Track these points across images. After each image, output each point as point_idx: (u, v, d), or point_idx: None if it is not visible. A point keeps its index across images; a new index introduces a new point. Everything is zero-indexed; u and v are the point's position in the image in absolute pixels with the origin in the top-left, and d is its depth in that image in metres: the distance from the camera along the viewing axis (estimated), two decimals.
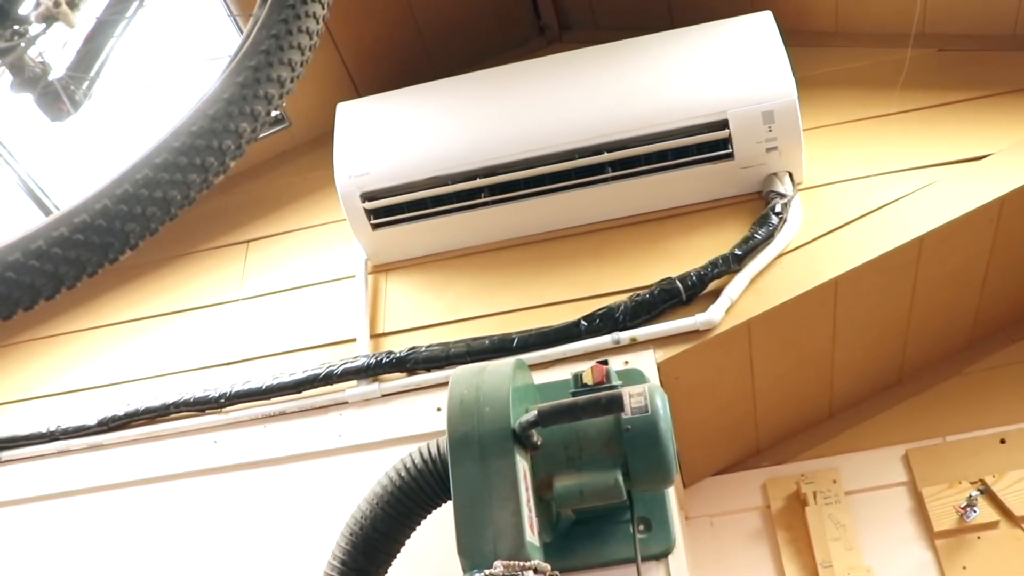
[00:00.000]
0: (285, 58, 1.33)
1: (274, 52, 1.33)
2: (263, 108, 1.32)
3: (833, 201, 2.45)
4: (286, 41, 1.35)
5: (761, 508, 2.59)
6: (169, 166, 1.25)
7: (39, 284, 1.20)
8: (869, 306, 2.45)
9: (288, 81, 1.35)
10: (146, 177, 1.23)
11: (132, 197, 1.22)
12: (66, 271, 1.20)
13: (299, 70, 1.37)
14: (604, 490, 1.82)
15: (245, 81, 1.30)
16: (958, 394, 2.65)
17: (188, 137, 1.26)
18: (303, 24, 1.38)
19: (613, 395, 1.75)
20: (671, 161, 2.45)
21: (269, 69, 1.32)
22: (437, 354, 2.38)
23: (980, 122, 2.50)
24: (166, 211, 1.24)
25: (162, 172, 1.24)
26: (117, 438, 2.53)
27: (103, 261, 1.22)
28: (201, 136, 1.27)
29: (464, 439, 1.79)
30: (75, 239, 1.20)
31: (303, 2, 1.38)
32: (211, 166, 1.28)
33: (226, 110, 1.29)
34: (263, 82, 1.31)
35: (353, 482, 2.14)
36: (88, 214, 1.21)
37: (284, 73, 1.33)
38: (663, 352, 2.29)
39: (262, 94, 1.30)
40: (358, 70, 2.96)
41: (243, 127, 1.29)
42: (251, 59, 1.31)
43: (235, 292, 2.76)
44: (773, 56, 2.43)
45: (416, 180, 2.51)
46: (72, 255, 1.20)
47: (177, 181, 1.24)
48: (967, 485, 2.45)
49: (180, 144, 1.26)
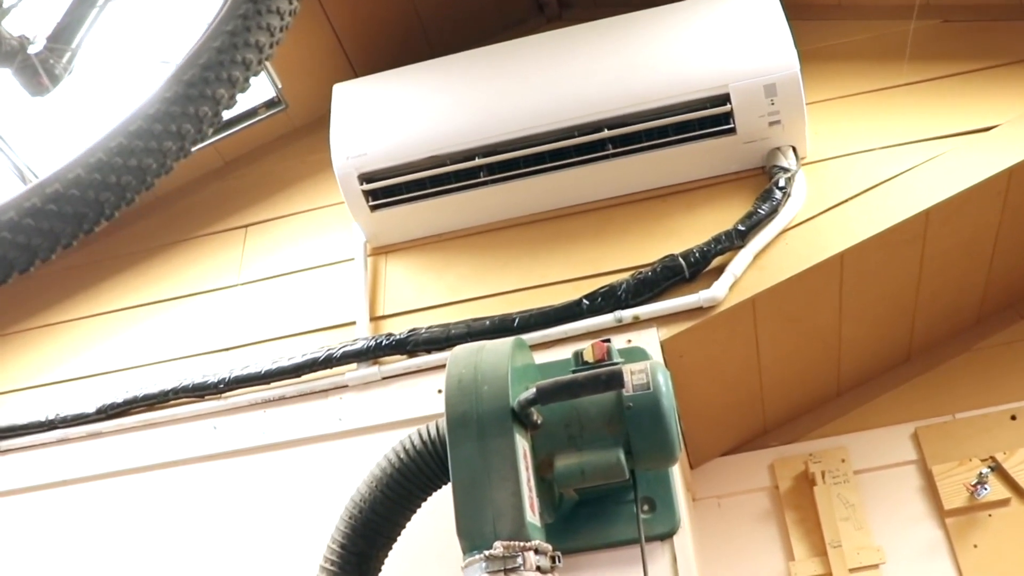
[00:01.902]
0: (264, 23, 1.30)
1: (252, 16, 1.29)
2: (241, 74, 1.28)
3: (838, 175, 2.41)
4: (264, 5, 1.31)
5: (769, 488, 2.57)
6: (143, 133, 1.22)
7: (12, 256, 1.17)
8: (876, 281, 2.42)
9: (267, 47, 1.31)
10: (120, 145, 1.20)
11: (106, 166, 1.19)
12: (39, 243, 1.17)
13: (278, 35, 1.33)
14: (606, 469, 1.79)
15: (222, 46, 1.27)
16: (967, 371, 2.62)
17: (162, 104, 1.23)
18: None
19: (613, 371, 1.72)
20: (672, 137, 2.41)
21: (247, 34, 1.28)
22: (437, 335, 2.35)
23: (986, 93, 2.47)
24: (141, 180, 1.21)
25: (136, 140, 1.21)
26: (116, 426, 2.51)
27: (77, 232, 1.19)
28: (176, 102, 1.24)
29: (462, 419, 1.75)
30: (48, 209, 1.17)
31: None
32: (187, 133, 1.24)
33: (202, 76, 1.25)
34: (240, 47, 1.28)
35: (354, 466, 2.12)
36: (61, 184, 1.18)
37: (263, 38, 1.30)
38: (666, 330, 2.26)
39: (240, 60, 1.27)
40: (355, 50, 2.93)
41: (220, 93, 1.26)
42: (228, 24, 1.28)
43: (234, 277, 2.74)
44: (774, 28, 2.39)
45: (414, 160, 2.49)
46: (45, 226, 1.17)
47: (152, 149, 1.21)
48: (977, 463, 2.42)
49: (155, 111, 1.23)
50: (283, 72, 2.88)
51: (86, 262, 2.87)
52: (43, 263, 1.20)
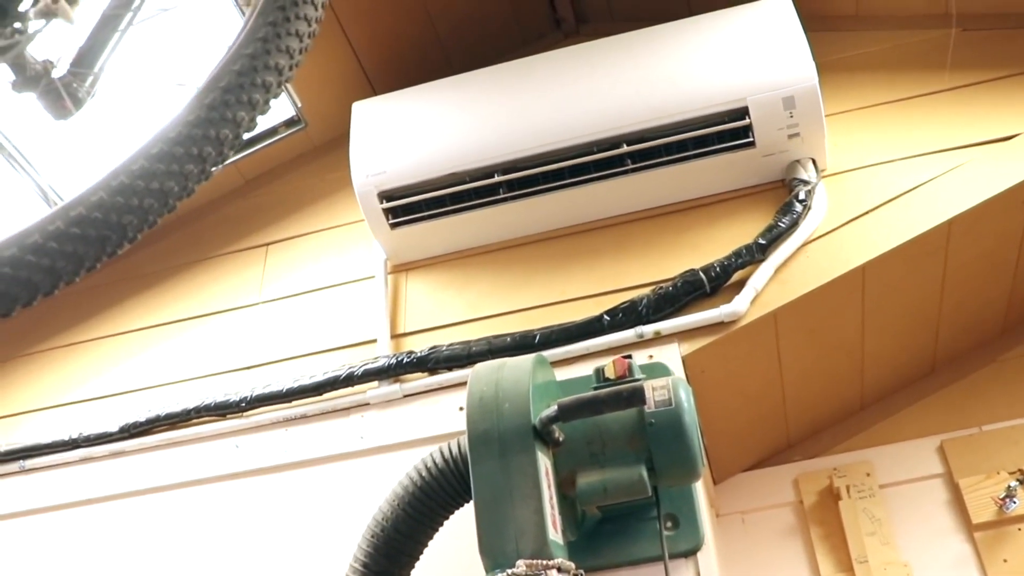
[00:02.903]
0: (283, 45, 1.31)
1: (271, 40, 1.30)
2: (261, 97, 1.29)
3: (858, 187, 2.40)
4: (283, 28, 1.32)
5: (793, 503, 2.55)
6: (165, 156, 1.22)
7: (36, 279, 1.18)
8: (898, 293, 2.41)
9: (286, 69, 1.32)
10: (142, 168, 1.21)
11: (129, 189, 1.20)
12: (63, 265, 1.18)
13: (297, 58, 1.34)
14: (628, 486, 1.78)
15: (242, 70, 1.28)
16: (993, 382, 2.60)
17: (184, 127, 1.24)
18: (301, 11, 1.35)
19: (634, 388, 1.71)
20: (691, 151, 2.41)
21: (266, 57, 1.29)
22: (458, 353, 2.35)
23: (1007, 102, 2.45)
24: (164, 202, 1.22)
25: (158, 163, 1.22)
26: (139, 444, 2.52)
27: (101, 254, 1.20)
28: (198, 126, 1.24)
29: (484, 436, 1.75)
30: (71, 233, 1.18)
31: None
32: (209, 156, 1.25)
33: (223, 99, 1.26)
34: (260, 70, 1.28)
35: (376, 484, 2.12)
36: (84, 207, 1.19)
37: (282, 61, 1.31)
38: (688, 345, 2.25)
39: (259, 83, 1.28)
40: (374, 69, 2.94)
41: (241, 116, 1.27)
42: (248, 47, 1.29)
43: (255, 296, 2.75)
44: (792, 41, 2.39)
45: (433, 178, 2.49)
46: (69, 249, 1.18)
47: (174, 172, 1.22)
48: (1005, 475, 2.40)
49: (176, 134, 1.24)
50: (303, 91, 2.89)
51: (109, 281, 2.89)
52: (67, 285, 1.21)
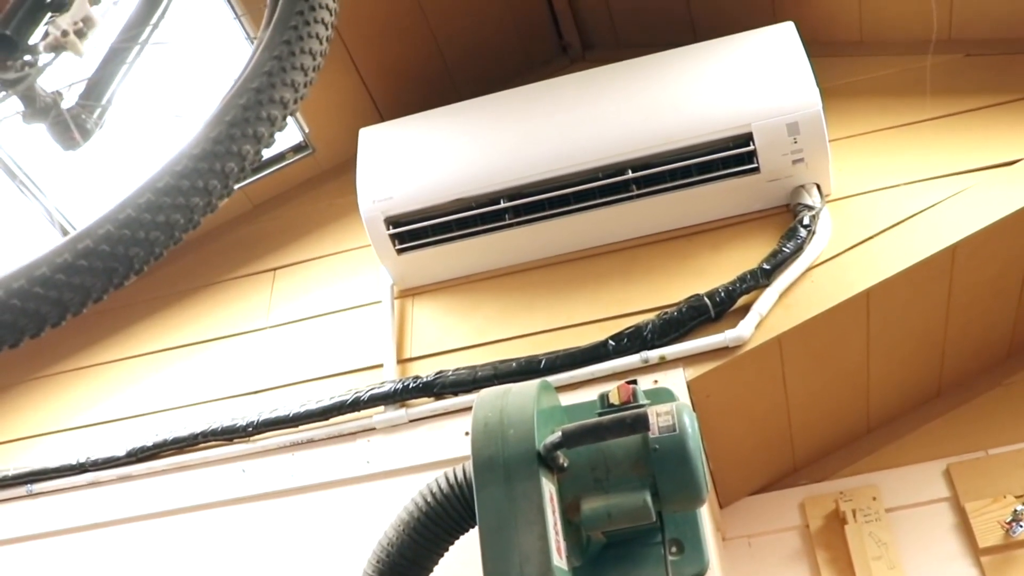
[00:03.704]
0: (288, 79, 1.32)
1: (276, 74, 1.32)
2: (266, 130, 1.30)
3: (863, 212, 2.41)
4: (288, 63, 1.34)
5: (800, 527, 2.55)
6: (171, 190, 1.24)
7: (44, 311, 1.20)
8: (903, 318, 2.41)
9: (291, 103, 1.33)
10: (149, 201, 1.23)
11: (135, 221, 1.22)
12: (71, 297, 1.20)
13: (303, 91, 1.35)
14: (633, 511, 1.77)
15: (248, 103, 1.29)
16: (1000, 406, 2.60)
17: (190, 160, 1.26)
18: (307, 45, 1.37)
19: (638, 414, 1.71)
20: (696, 177, 2.42)
21: (272, 91, 1.31)
22: (464, 378, 2.36)
23: (1010, 126, 2.46)
24: (169, 235, 1.23)
25: (164, 196, 1.23)
26: (146, 469, 2.53)
27: (108, 286, 1.22)
28: (203, 159, 1.26)
29: (488, 462, 1.75)
30: (79, 265, 1.20)
31: (306, 23, 1.37)
32: (214, 189, 1.27)
33: (228, 133, 1.28)
34: (266, 104, 1.30)
35: (382, 509, 2.12)
36: (92, 239, 1.20)
37: (287, 95, 1.32)
38: (693, 370, 2.26)
39: (265, 116, 1.29)
40: (381, 95, 2.96)
41: (246, 149, 1.28)
42: (254, 81, 1.31)
43: (262, 320, 2.76)
44: (796, 67, 2.40)
45: (440, 203, 2.50)
46: (76, 281, 1.19)
47: (180, 204, 1.23)
48: (1012, 499, 2.40)
49: (182, 168, 1.25)
50: (310, 117, 2.91)
51: (117, 306, 2.91)
52: (74, 316, 1.23)
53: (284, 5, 1.38)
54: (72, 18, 1.38)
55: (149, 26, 1.53)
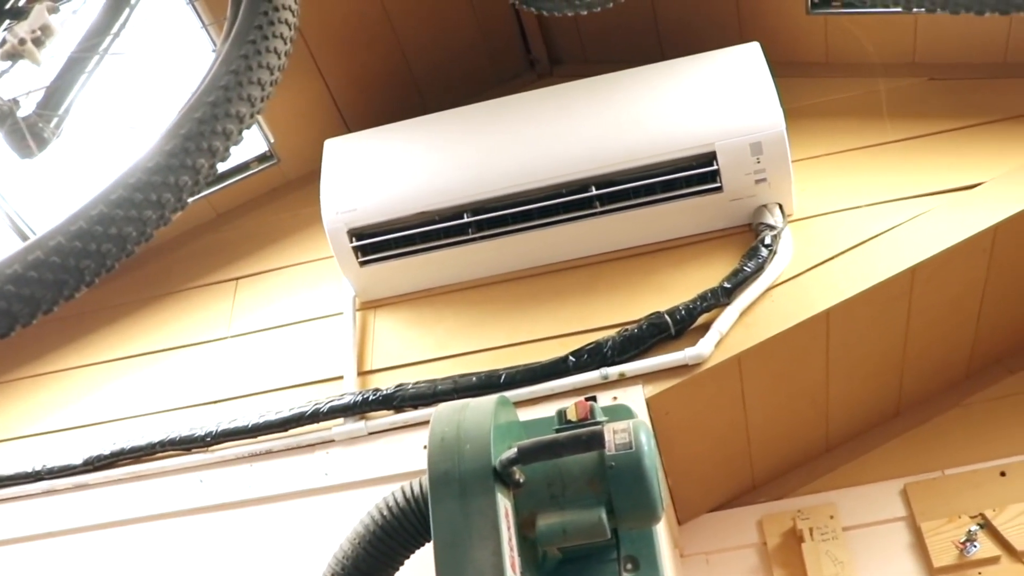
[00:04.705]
0: (245, 93, 1.32)
1: (233, 88, 1.32)
2: (222, 144, 1.30)
3: (824, 232, 2.43)
4: (246, 76, 1.33)
5: (757, 545, 2.55)
6: (124, 203, 1.23)
7: None
8: (863, 338, 2.43)
9: (247, 117, 1.33)
10: (101, 214, 1.22)
11: (87, 234, 1.21)
12: (20, 309, 1.19)
13: (259, 105, 1.35)
14: (588, 528, 1.78)
15: (203, 117, 1.29)
16: (957, 426, 2.62)
17: (144, 173, 1.25)
18: (264, 60, 1.36)
19: (594, 432, 1.72)
20: (659, 194, 2.44)
21: (228, 105, 1.31)
22: (424, 391, 2.35)
23: (972, 151, 2.49)
24: (121, 248, 1.23)
25: (117, 209, 1.23)
26: (103, 478, 2.50)
27: (58, 298, 1.21)
28: (157, 172, 1.25)
29: (444, 477, 1.75)
30: (28, 277, 1.19)
31: (264, 37, 1.37)
32: (168, 203, 1.26)
33: (183, 146, 1.27)
34: (221, 118, 1.30)
35: (339, 521, 2.10)
36: (42, 251, 1.19)
37: (244, 109, 1.32)
38: (652, 387, 2.26)
39: (221, 130, 1.29)
40: (348, 106, 2.96)
41: (201, 163, 1.28)
42: (209, 95, 1.30)
43: (223, 330, 2.75)
44: (761, 87, 2.42)
45: (403, 216, 2.51)
46: (26, 292, 1.19)
47: (132, 218, 1.23)
48: (967, 519, 2.41)
49: (135, 181, 1.25)
50: (276, 127, 2.91)
51: (76, 313, 2.88)
52: (23, 328, 1.22)
53: (243, 18, 1.38)
54: (30, 26, 1.37)
55: (109, 36, 1.52)
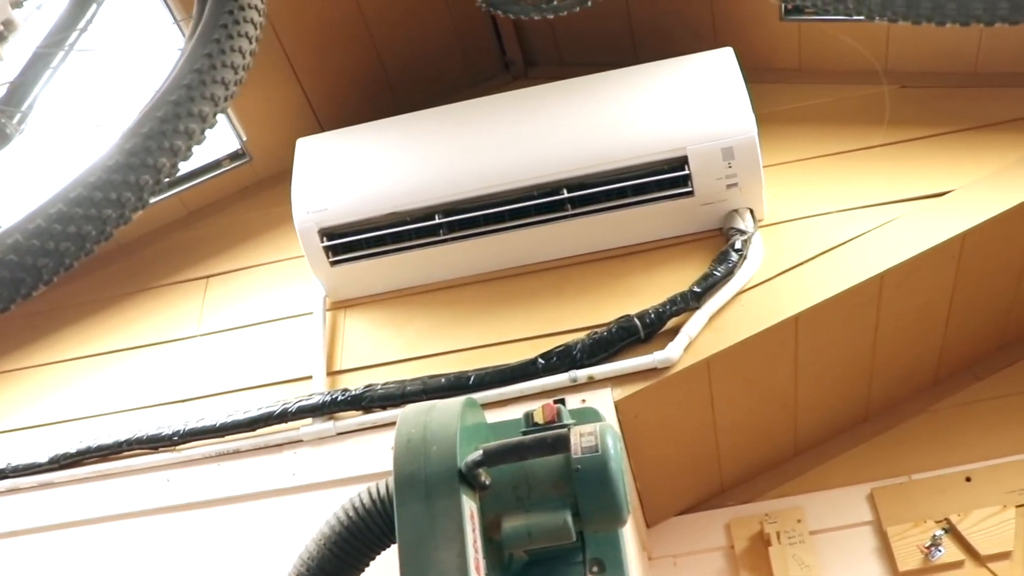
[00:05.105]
0: (208, 93, 1.31)
1: (197, 87, 1.31)
2: (184, 144, 1.29)
3: (794, 238, 2.44)
4: (210, 76, 1.33)
5: (725, 548, 2.56)
6: (83, 201, 1.22)
7: None
8: (832, 343, 2.44)
9: (211, 116, 1.32)
10: (59, 212, 1.21)
11: (45, 232, 1.20)
12: None
13: (223, 105, 1.34)
14: (553, 531, 1.78)
15: (165, 116, 1.28)
16: (924, 432, 2.64)
17: (104, 172, 1.25)
18: (228, 59, 1.35)
19: (559, 434, 1.72)
20: (631, 198, 2.44)
21: (191, 104, 1.30)
22: (393, 392, 2.35)
23: (941, 158, 2.51)
24: (80, 247, 1.22)
25: (76, 208, 1.22)
26: (68, 476, 2.48)
27: (15, 296, 1.20)
28: (117, 171, 1.25)
29: (410, 479, 1.75)
30: None
31: (230, 36, 1.36)
32: (128, 202, 1.25)
33: (144, 145, 1.26)
34: (184, 118, 1.29)
35: (306, 521, 2.09)
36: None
37: (207, 108, 1.31)
38: (621, 390, 2.27)
39: (183, 130, 1.28)
40: (321, 105, 2.95)
41: (162, 163, 1.27)
42: (172, 94, 1.29)
43: (193, 328, 2.73)
44: (733, 92, 2.43)
45: (375, 216, 2.50)
46: None
47: (92, 217, 1.22)
48: (932, 524, 2.43)
49: (95, 180, 1.24)
50: (248, 125, 2.89)
51: (45, 309, 2.86)
52: None
53: (208, 17, 1.37)
54: None
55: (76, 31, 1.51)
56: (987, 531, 2.39)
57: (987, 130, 2.53)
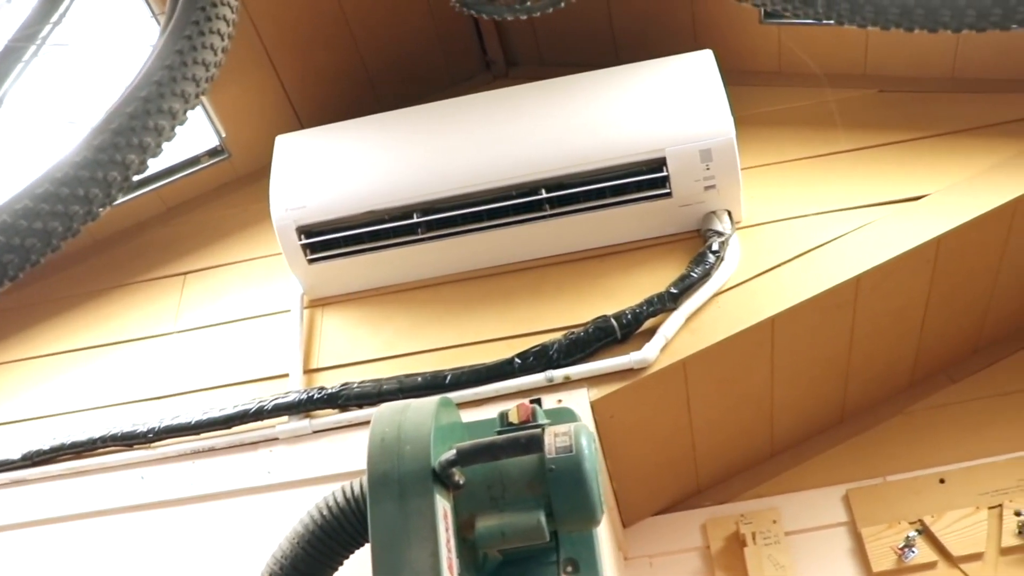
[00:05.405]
0: (178, 90, 1.31)
1: (167, 83, 1.30)
2: (153, 140, 1.28)
3: (771, 240, 2.45)
4: (180, 73, 1.32)
5: (701, 549, 2.56)
6: (50, 197, 1.22)
7: None
8: (808, 345, 2.45)
9: (180, 113, 1.32)
10: (25, 208, 1.20)
11: (11, 228, 1.19)
12: None
13: (193, 102, 1.34)
14: (526, 531, 1.78)
15: (135, 112, 1.28)
16: (899, 434, 2.65)
17: (70, 168, 1.24)
18: (199, 56, 1.35)
19: (532, 434, 1.72)
20: (609, 199, 2.44)
21: (161, 101, 1.29)
22: (369, 391, 2.34)
23: (918, 163, 2.52)
24: (47, 243, 1.21)
25: (42, 203, 1.21)
26: (41, 473, 2.46)
27: None
28: (85, 167, 1.24)
29: (383, 478, 1.75)
30: None
31: (201, 34, 1.35)
32: (95, 198, 1.24)
33: (112, 141, 1.26)
34: (154, 114, 1.28)
35: (281, 519, 2.08)
36: None
37: (177, 105, 1.30)
38: (597, 391, 2.27)
39: (152, 126, 1.27)
40: (301, 102, 2.94)
41: (131, 159, 1.26)
42: (142, 90, 1.29)
43: (170, 325, 2.72)
44: (712, 94, 2.44)
45: (353, 215, 2.49)
46: None
47: (58, 213, 1.21)
48: (905, 525, 2.44)
49: (62, 175, 1.23)
50: (228, 122, 2.88)
51: (20, 305, 2.85)
52: None
53: (180, 13, 1.37)
54: None
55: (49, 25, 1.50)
56: (960, 532, 2.41)
57: (963, 135, 2.55)
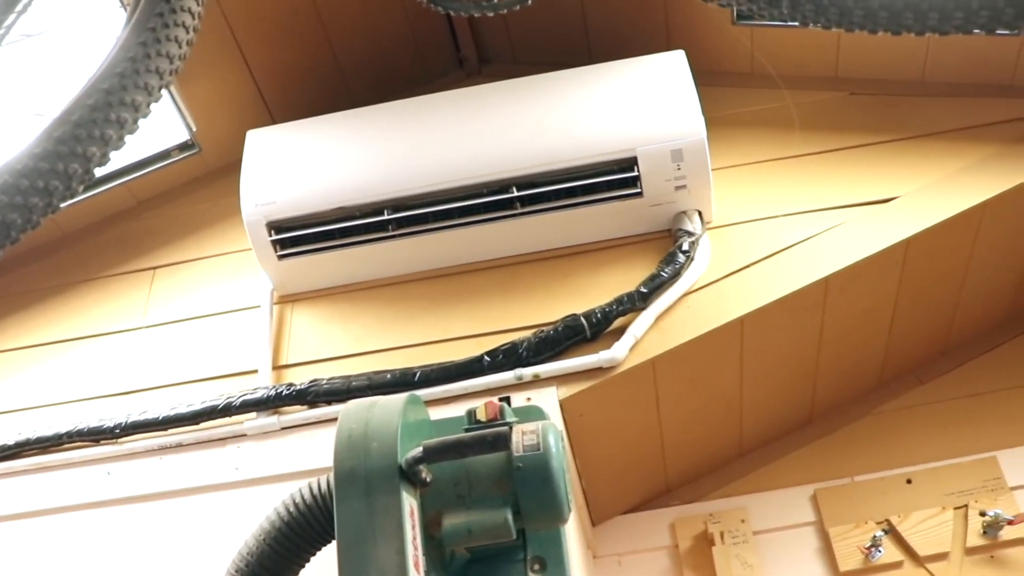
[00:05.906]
0: (141, 82, 1.30)
1: (130, 76, 1.29)
2: (115, 133, 1.27)
3: (741, 240, 2.45)
4: (143, 65, 1.31)
5: (669, 547, 2.57)
6: (9, 189, 1.20)
7: None
8: (777, 346, 2.46)
9: (144, 106, 1.30)
10: None
11: None
12: None
13: (157, 94, 1.32)
14: (493, 528, 1.78)
15: (96, 104, 1.26)
16: (867, 434, 2.67)
17: (30, 160, 1.22)
18: (163, 48, 1.34)
19: (499, 432, 1.72)
20: (580, 198, 2.44)
21: (123, 93, 1.28)
22: (338, 387, 2.34)
23: (887, 165, 2.54)
24: (6, 235, 1.20)
25: (1, 194, 1.20)
26: (6, 468, 2.44)
27: None
28: (45, 159, 1.23)
29: (350, 475, 1.74)
30: None
31: (165, 26, 1.34)
32: (56, 190, 1.23)
33: (73, 133, 1.24)
34: (116, 106, 1.27)
35: (249, 516, 2.06)
36: None
37: (139, 98, 1.29)
38: (566, 389, 2.27)
39: (115, 119, 1.26)
40: (273, 97, 2.93)
41: (92, 151, 1.25)
42: (105, 82, 1.28)
43: (138, 320, 2.71)
44: (684, 95, 2.44)
45: (323, 211, 2.48)
46: None
47: (17, 205, 1.20)
48: (872, 525, 2.46)
49: (22, 167, 1.22)
50: (199, 116, 2.87)
51: None
52: None
53: (145, 4, 1.36)
54: None
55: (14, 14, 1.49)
56: (926, 532, 2.43)
57: (933, 138, 2.57)
